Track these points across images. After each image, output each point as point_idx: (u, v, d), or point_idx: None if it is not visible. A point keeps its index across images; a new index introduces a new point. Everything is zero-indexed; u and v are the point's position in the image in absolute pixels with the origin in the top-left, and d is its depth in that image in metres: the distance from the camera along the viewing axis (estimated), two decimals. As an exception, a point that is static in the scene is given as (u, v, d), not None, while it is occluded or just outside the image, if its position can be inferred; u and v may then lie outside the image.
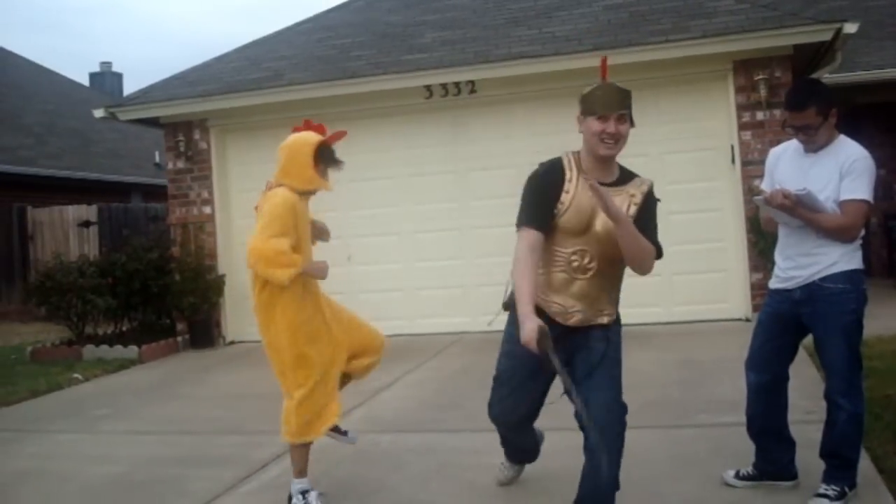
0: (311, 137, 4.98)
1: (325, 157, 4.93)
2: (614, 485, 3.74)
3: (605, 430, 3.68)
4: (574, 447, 3.88)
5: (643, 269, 3.75)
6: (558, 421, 4.13)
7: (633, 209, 3.74)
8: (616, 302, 3.94)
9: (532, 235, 3.68)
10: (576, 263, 3.79)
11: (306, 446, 4.82)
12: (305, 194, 4.90)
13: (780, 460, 4.48)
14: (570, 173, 3.78)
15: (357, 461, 5.58)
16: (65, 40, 73.04)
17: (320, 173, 4.89)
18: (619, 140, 3.76)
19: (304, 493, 4.73)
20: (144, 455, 6.17)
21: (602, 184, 3.62)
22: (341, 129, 5.19)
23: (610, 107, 3.75)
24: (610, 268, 3.82)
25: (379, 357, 5.24)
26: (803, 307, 4.23)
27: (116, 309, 11.34)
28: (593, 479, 3.72)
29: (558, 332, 3.68)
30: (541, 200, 3.74)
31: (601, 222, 3.71)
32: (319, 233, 5.19)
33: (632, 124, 3.84)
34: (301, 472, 4.79)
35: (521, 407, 4.16)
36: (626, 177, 3.88)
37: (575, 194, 3.73)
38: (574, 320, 3.80)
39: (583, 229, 3.76)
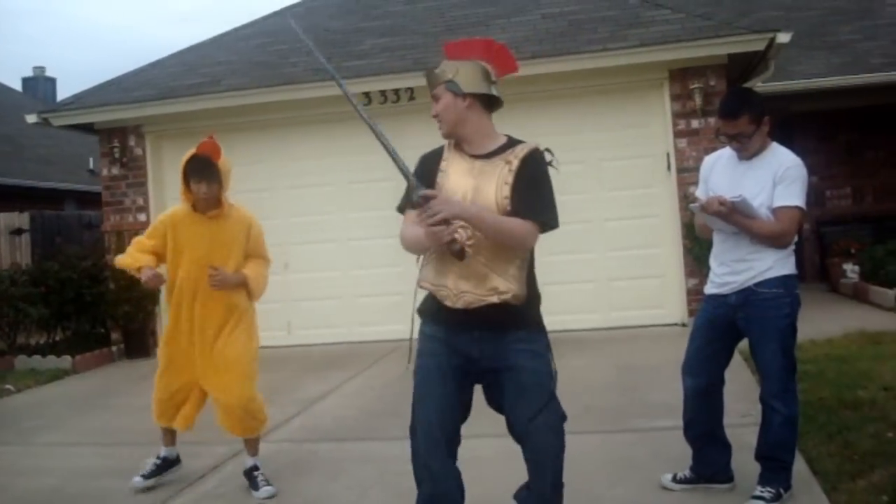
0: (186, 155, 5.11)
1: (191, 170, 5.04)
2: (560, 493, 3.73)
3: (548, 451, 3.68)
4: (509, 454, 3.89)
5: (523, 248, 3.54)
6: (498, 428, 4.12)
7: (509, 177, 3.50)
8: (516, 279, 3.52)
9: (407, 218, 3.68)
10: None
11: (167, 429, 5.39)
12: (199, 207, 5.16)
13: (717, 463, 4.53)
14: (447, 153, 3.71)
15: (296, 470, 5.53)
16: (-3, 44, 71.65)
17: (192, 188, 5.06)
18: (441, 118, 3.67)
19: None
20: (78, 467, 6.06)
21: (475, 155, 3.61)
22: (210, 138, 5.16)
23: (429, 91, 3.78)
24: (491, 243, 3.50)
25: (228, 409, 5.16)
26: (738, 312, 4.28)
27: (49, 318, 11.13)
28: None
29: (463, 330, 3.59)
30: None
31: (472, 194, 3.53)
32: (215, 275, 5.09)
33: (458, 94, 3.61)
34: (165, 446, 5.48)
35: (439, 412, 3.76)
36: (509, 145, 3.65)
37: (450, 172, 3.63)
38: (463, 302, 3.53)
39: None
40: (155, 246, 5.19)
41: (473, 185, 3.54)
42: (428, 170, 3.68)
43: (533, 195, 3.52)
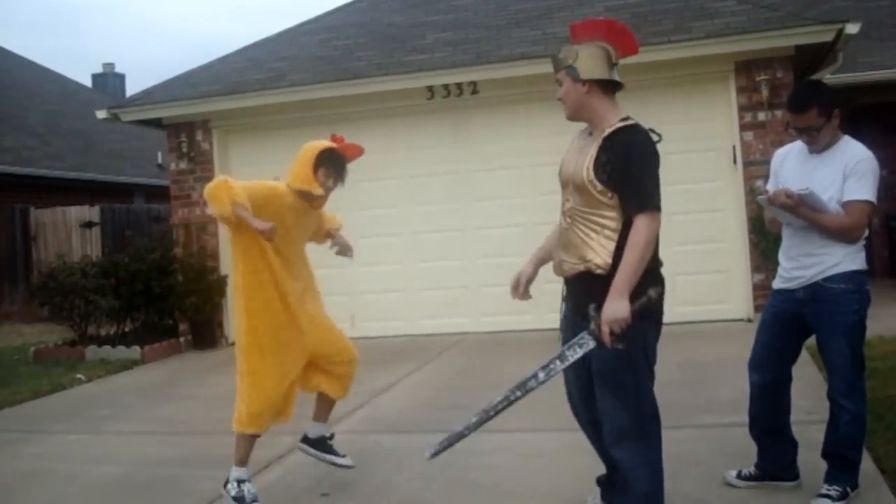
0: (322, 143, 4.99)
1: (325, 161, 4.91)
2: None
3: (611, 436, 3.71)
4: (576, 447, 3.89)
5: (653, 243, 3.54)
6: (562, 422, 4.14)
7: (595, 150, 3.60)
8: (608, 252, 3.55)
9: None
10: (565, 213, 3.78)
11: (252, 438, 4.82)
12: (303, 195, 4.95)
13: (782, 460, 4.48)
14: (576, 136, 3.89)
15: (360, 461, 5.57)
16: (67, 41, 73.13)
17: (318, 177, 4.89)
18: (564, 103, 3.78)
19: (240, 481, 4.75)
20: (147, 455, 6.18)
21: (586, 132, 3.79)
22: (359, 144, 5.19)
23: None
24: (583, 212, 3.64)
25: (348, 370, 5.16)
26: (806, 307, 4.23)
27: (119, 310, 11.34)
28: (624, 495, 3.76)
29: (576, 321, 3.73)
30: None
31: (569, 164, 3.76)
32: (343, 248, 5.41)
33: (577, 79, 3.70)
34: (241, 462, 4.81)
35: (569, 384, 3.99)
36: (608, 126, 3.67)
37: (570, 149, 3.84)
38: (566, 271, 3.74)
39: (563, 178, 3.81)
40: (244, 193, 4.67)
41: (575, 158, 3.73)
42: None
43: (628, 176, 3.52)
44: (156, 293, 11.32)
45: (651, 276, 3.56)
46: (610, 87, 3.75)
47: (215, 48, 40.33)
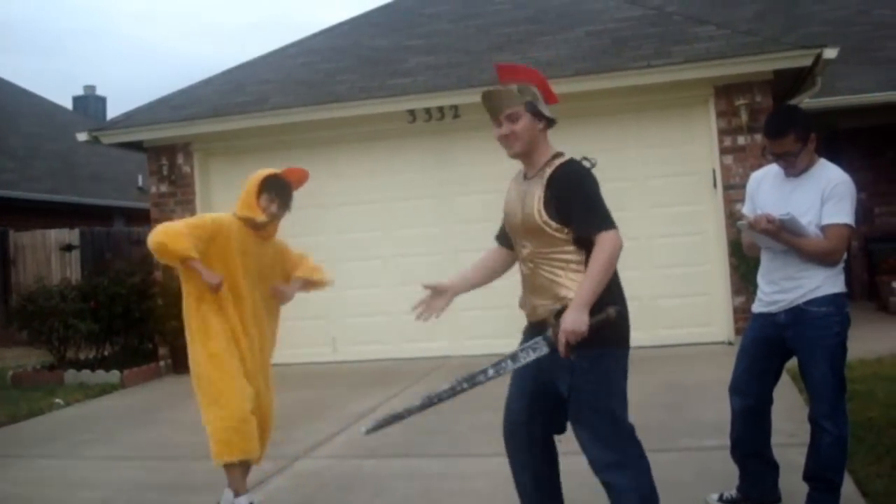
0: (266, 170, 5.01)
1: (267, 187, 4.91)
2: None
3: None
4: (577, 472, 3.89)
5: (615, 262, 3.56)
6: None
7: (541, 189, 3.64)
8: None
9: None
10: (524, 258, 3.78)
11: (238, 466, 4.75)
12: (249, 223, 4.91)
13: (764, 483, 4.48)
14: (512, 180, 3.97)
15: (340, 487, 5.55)
16: (48, 63, 72.92)
17: (260, 202, 4.87)
18: (512, 139, 3.71)
19: None
20: (126, 481, 6.13)
21: (527, 177, 3.79)
22: (304, 168, 5.19)
23: (495, 110, 3.73)
24: (542, 252, 3.66)
25: (267, 435, 5.06)
26: (787, 331, 4.25)
27: (98, 333, 11.27)
28: None
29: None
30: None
31: (519, 212, 3.74)
32: (280, 294, 5.17)
33: (536, 115, 3.72)
34: (236, 492, 4.77)
35: (516, 401, 3.90)
36: (547, 166, 3.72)
37: (508, 195, 3.90)
38: (537, 314, 3.71)
39: (511, 224, 3.84)
40: (198, 240, 4.71)
41: (521, 204, 3.73)
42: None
43: (577, 205, 3.57)
44: (135, 317, 11.26)
45: (611, 296, 3.58)
46: (549, 126, 3.82)
47: (197, 71, 40.34)
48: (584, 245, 3.56)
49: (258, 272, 4.97)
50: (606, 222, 3.53)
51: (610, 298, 3.56)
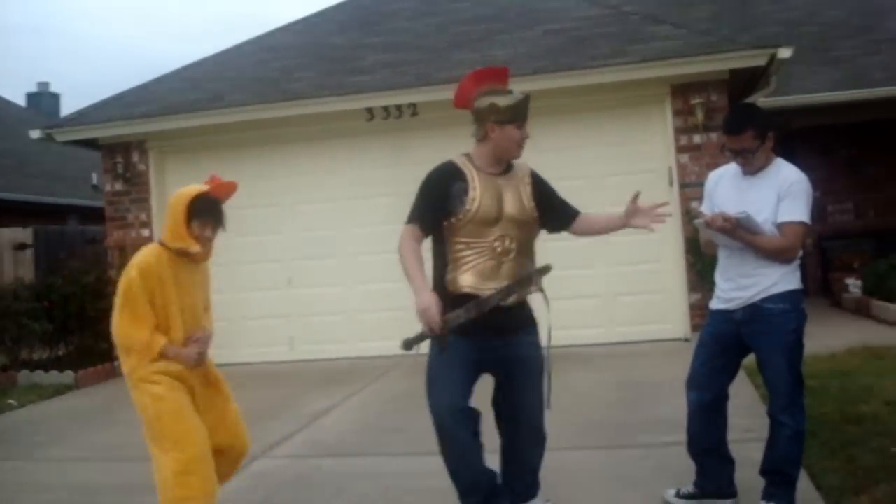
0: (190, 190, 4.47)
1: (196, 212, 4.39)
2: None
3: (535, 435, 4.21)
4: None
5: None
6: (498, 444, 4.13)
7: (528, 188, 4.19)
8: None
9: (417, 232, 4.08)
10: (499, 248, 4.04)
11: None
12: (181, 252, 4.42)
13: (720, 478, 4.51)
14: (470, 172, 4.11)
15: (299, 486, 5.52)
16: (1, 59, 71.89)
17: (192, 230, 4.37)
18: (521, 148, 4.22)
19: None
20: (82, 482, 6.06)
21: (491, 173, 4.13)
22: (231, 181, 4.66)
23: (527, 115, 4.20)
24: (526, 244, 4.17)
25: (234, 469, 4.78)
26: (745, 327, 4.28)
27: (52, 333, 11.12)
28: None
29: (491, 337, 4.01)
30: (430, 202, 4.11)
31: (510, 206, 4.08)
32: (196, 343, 4.52)
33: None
34: None
35: (454, 394, 4.01)
36: (510, 167, 4.21)
37: (481, 189, 4.05)
38: (512, 300, 4.04)
39: (497, 216, 4.04)
40: (151, 322, 4.37)
41: (502, 197, 4.09)
42: (449, 182, 4.11)
43: (559, 197, 4.39)
44: (90, 316, 11.11)
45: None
46: None
47: (153, 69, 39.90)
48: (564, 224, 4.41)
49: (192, 301, 4.52)
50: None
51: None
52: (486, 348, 4.01)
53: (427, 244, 4.14)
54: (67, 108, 28.73)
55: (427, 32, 12.16)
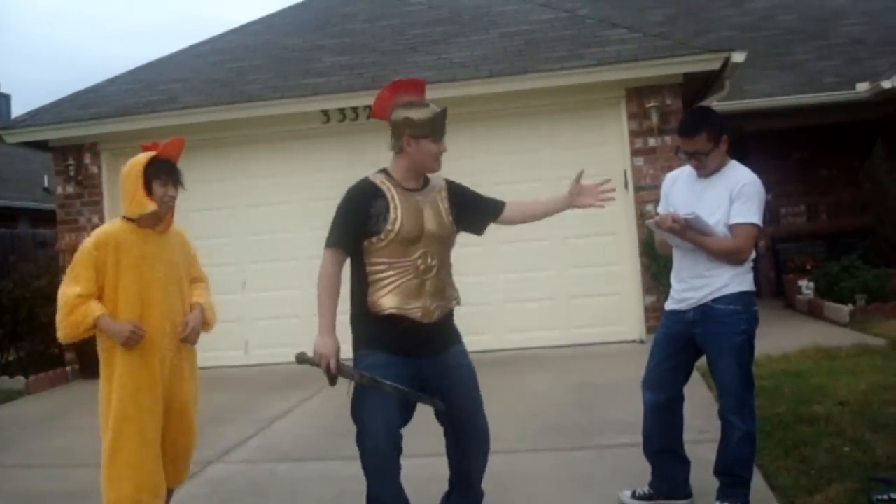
0: (141, 157, 4.41)
1: (154, 173, 4.34)
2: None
3: (483, 443, 4.12)
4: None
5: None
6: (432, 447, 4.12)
7: (445, 202, 4.07)
8: (455, 286, 4.15)
9: (339, 255, 4.07)
10: (422, 266, 3.94)
11: None
12: (148, 221, 4.37)
13: (676, 479, 4.54)
14: (389, 191, 3.96)
15: (254, 492, 5.47)
16: (-52, 61, 70.71)
17: (155, 192, 4.31)
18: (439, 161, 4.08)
19: None
20: (32, 490, 5.97)
21: (410, 189, 4.00)
22: (177, 137, 4.67)
23: (443, 130, 4.04)
24: (446, 258, 4.08)
25: (187, 457, 4.59)
26: (696, 328, 4.31)
27: (2, 338, 10.96)
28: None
29: (420, 356, 3.95)
30: (352, 223, 4.00)
31: (431, 223, 3.98)
32: (187, 331, 4.46)
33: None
34: None
35: (388, 418, 3.89)
36: (426, 181, 4.10)
37: (402, 207, 3.93)
38: (436, 316, 3.95)
39: (419, 234, 3.93)
40: (90, 288, 4.25)
41: (429, 215, 3.99)
42: (366, 202, 3.96)
43: (479, 195, 4.27)
44: (41, 321, 10.92)
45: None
46: None
47: (105, 71, 39.47)
48: (491, 219, 4.29)
49: (160, 275, 4.37)
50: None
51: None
52: (417, 366, 3.92)
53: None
54: (18, 109, 28.29)
55: (384, 35, 12.14)
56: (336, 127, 10.71)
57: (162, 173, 4.35)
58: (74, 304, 4.20)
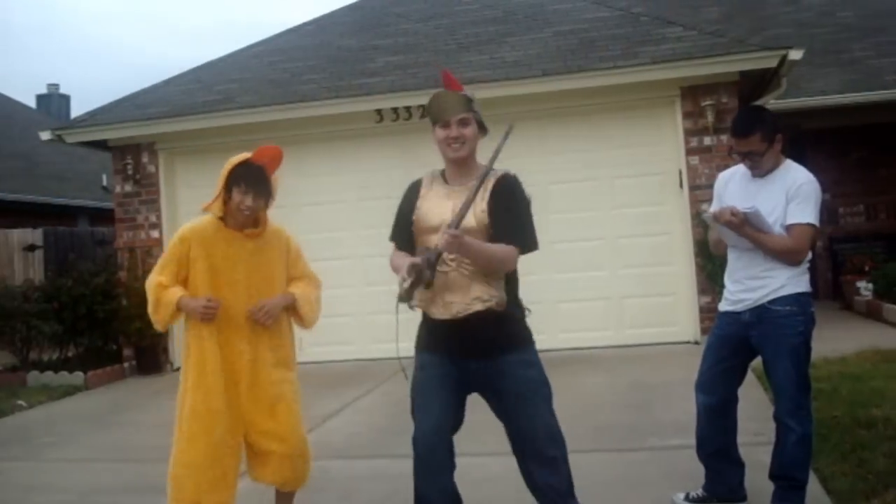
0: (234, 158, 4.42)
1: (236, 179, 4.31)
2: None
3: (539, 459, 3.80)
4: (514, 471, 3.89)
5: (503, 270, 3.77)
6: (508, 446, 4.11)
7: (485, 201, 3.75)
8: (499, 288, 3.76)
9: (397, 250, 3.96)
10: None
11: None
12: (233, 223, 4.39)
13: (731, 482, 4.50)
14: (429, 185, 3.93)
15: (307, 489, 5.50)
16: (10, 61, 72.17)
17: (233, 198, 4.29)
18: (464, 142, 3.81)
19: None
20: (90, 483, 6.06)
21: (448, 181, 3.89)
22: (275, 145, 4.69)
23: (448, 112, 3.82)
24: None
25: (287, 471, 4.52)
26: (752, 329, 4.27)
27: (62, 334, 11.16)
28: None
29: (465, 359, 3.77)
30: (401, 219, 3.97)
31: (449, 214, 3.72)
32: (258, 315, 4.39)
33: (484, 130, 3.91)
34: None
35: (436, 416, 3.79)
36: (478, 174, 3.80)
37: (426, 198, 3.89)
38: (455, 310, 3.73)
39: (437, 224, 3.76)
40: (171, 279, 4.33)
41: (451, 206, 3.75)
42: (409, 198, 3.95)
43: (511, 218, 3.76)
44: (100, 318, 11.15)
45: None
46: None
47: (162, 71, 40.01)
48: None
49: (242, 277, 4.38)
50: (529, 245, 3.82)
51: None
52: (463, 369, 3.76)
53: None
54: (77, 109, 28.82)
55: (437, 34, 12.16)
56: (389, 126, 10.75)
57: (244, 181, 4.30)
58: (158, 293, 4.31)
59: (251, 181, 4.31)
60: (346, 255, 10.90)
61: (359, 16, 13.63)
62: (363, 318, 10.80)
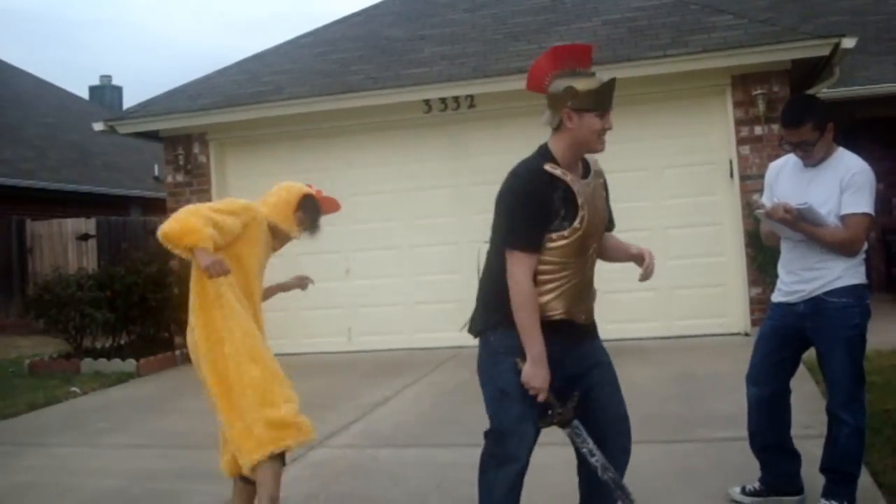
0: (304, 187, 4.71)
1: (304, 207, 4.64)
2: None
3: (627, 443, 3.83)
4: (570, 462, 3.88)
5: None
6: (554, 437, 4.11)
7: (604, 191, 3.70)
8: None
9: (533, 260, 3.39)
10: (590, 264, 3.65)
11: (277, 461, 4.22)
12: (273, 231, 4.58)
13: (787, 473, 4.44)
14: (564, 176, 3.43)
15: (355, 476, 5.56)
16: (65, 53, 73.30)
17: (296, 220, 4.61)
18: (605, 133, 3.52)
19: None
20: (143, 469, 6.16)
21: (581, 176, 3.53)
22: (336, 200, 4.99)
23: (611, 103, 3.52)
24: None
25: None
26: (807, 321, 4.21)
27: (115, 322, 11.30)
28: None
29: (571, 346, 3.55)
30: (541, 221, 3.40)
31: (603, 215, 3.67)
32: (298, 281, 4.97)
33: None
34: (275, 499, 4.19)
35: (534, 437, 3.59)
36: (586, 165, 3.60)
37: (587, 201, 3.46)
38: (592, 315, 3.71)
39: (599, 228, 3.63)
40: (226, 229, 4.27)
41: (596, 206, 3.56)
42: (545, 191, 3.41)
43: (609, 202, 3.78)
44: (151, 306, 11.29)
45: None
46: None
47: (213, 62, 40.32)
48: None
49: (260, 272, 4.59)
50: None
51: None
52: (566, 363, 3.52)
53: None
54: (129, 100, 29.19)
55: (484, 24, 12.14)
56: (437, 117, 10.76)
57: (309, 213, 4.66)
58: (200, 219, 4.12)
59: (312, 217, 4.70)
60: (394, 245, 10.95)
61: (406, 6, 13.64)
62: (410, 307, 10.85)
